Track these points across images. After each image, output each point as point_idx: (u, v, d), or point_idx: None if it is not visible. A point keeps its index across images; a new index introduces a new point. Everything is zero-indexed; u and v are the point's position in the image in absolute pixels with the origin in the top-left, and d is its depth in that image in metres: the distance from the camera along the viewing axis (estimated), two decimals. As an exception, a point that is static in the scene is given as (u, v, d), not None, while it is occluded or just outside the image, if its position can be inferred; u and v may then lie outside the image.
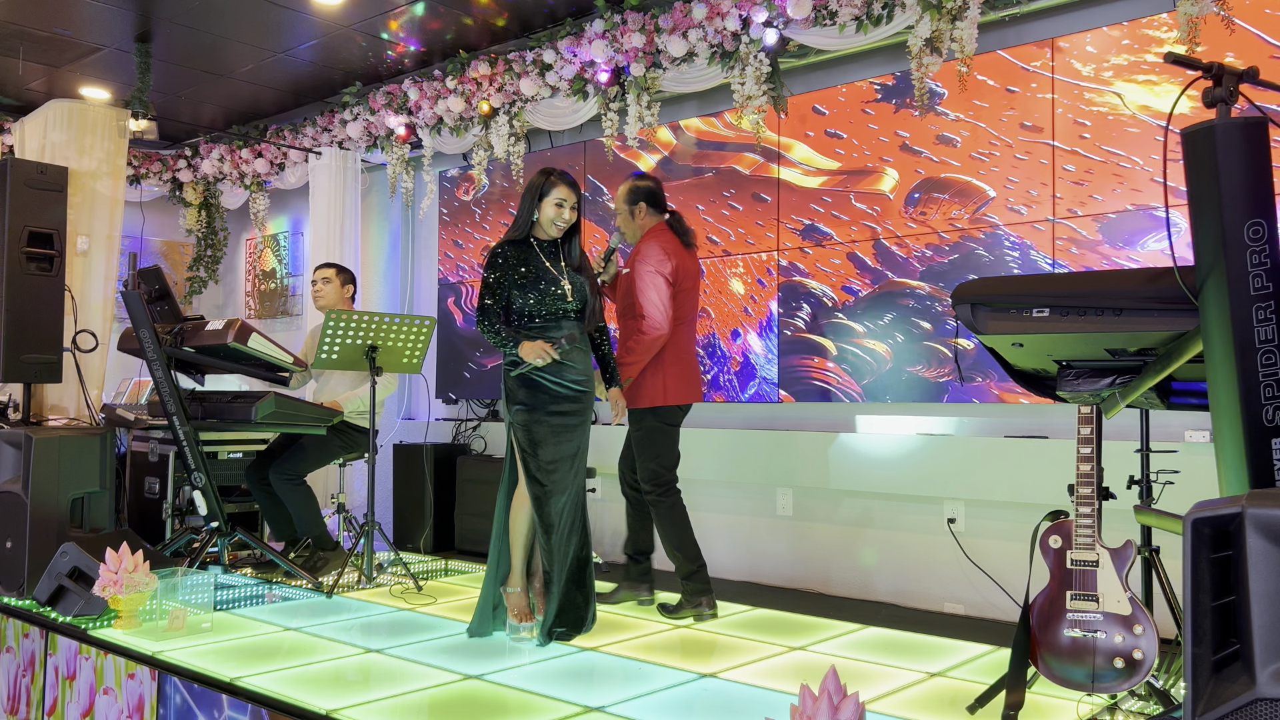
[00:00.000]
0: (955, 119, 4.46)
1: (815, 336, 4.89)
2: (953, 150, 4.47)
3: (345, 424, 4.85)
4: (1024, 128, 4.27)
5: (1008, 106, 4.31)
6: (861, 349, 4.72)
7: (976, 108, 4.41)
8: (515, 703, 2.88)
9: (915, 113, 4.54)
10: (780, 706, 2.77)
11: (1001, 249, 4.33)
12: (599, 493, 5.63)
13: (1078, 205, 4.14)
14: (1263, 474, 1.81)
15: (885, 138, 4.67)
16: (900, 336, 4.60)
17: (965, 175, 4.43)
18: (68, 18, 5.52)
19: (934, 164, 4.53)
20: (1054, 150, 4.20)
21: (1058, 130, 4.19)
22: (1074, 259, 4.14)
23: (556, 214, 3.62)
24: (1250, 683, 1.38)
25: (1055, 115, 4.19)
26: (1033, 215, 4.25)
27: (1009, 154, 4.32)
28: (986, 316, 2.48)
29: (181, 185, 7.78)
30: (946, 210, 4.50)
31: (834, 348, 4.81)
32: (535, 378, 3.55)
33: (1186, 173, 1.92)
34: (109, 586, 3.68)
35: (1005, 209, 4.33)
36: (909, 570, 4.51)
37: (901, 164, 4.62)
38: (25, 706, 3.65)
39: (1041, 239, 4.23)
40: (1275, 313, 1.82)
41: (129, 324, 4.49)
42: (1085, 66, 4.11)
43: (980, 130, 4.40)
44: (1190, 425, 3.73)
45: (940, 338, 4.49)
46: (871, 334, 4.69)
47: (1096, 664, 2.59)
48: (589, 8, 5.30)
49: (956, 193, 4.46)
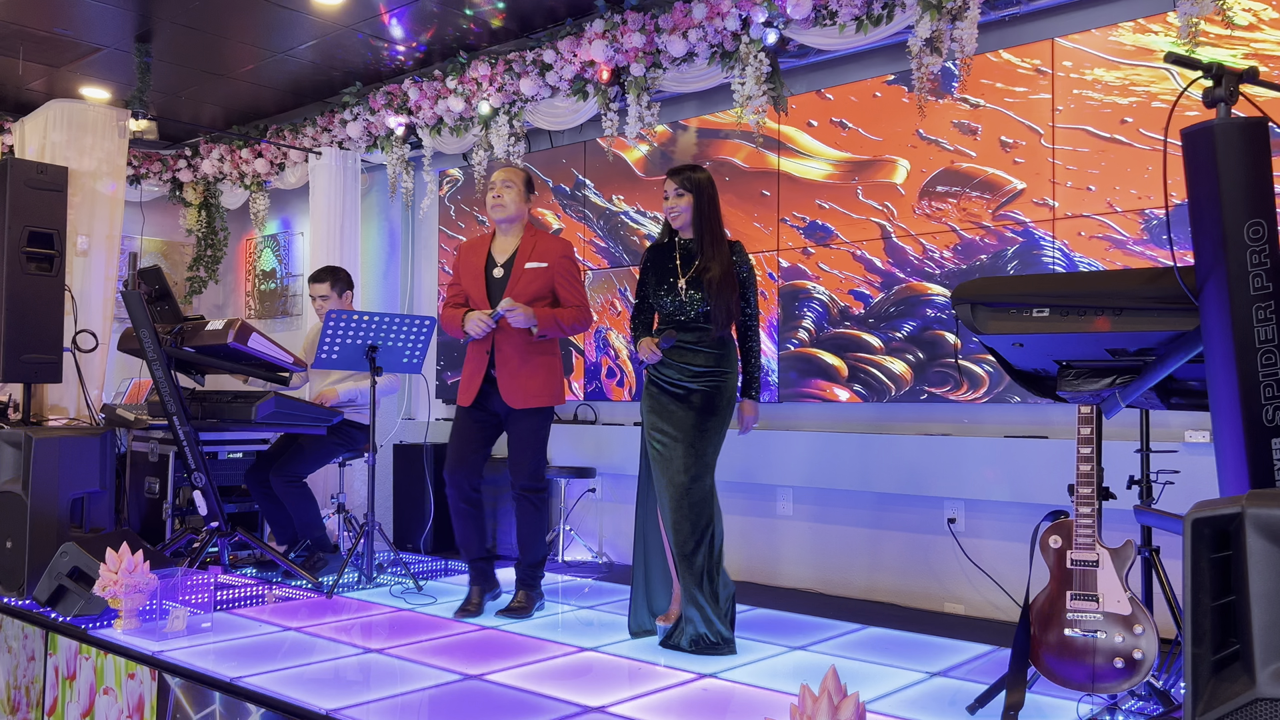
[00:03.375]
0: (975, 106, 4.20)
1: (823, 354, 4.66)
2: (972, 140, 4.22)
3: (345, 423, 4.85)
4: (1057, 112, 4.02)
5: (1038, 89, 4.04)
6: (878, 368, 4.41)
7: (1000, 91, 4.14)
8: (515, 703, 2.88)
9: (930, 98, 4.22)
10: (780, 706, 2.77)
11: (1036, 248, 4.04)
12: (599, 493, 5.63)
13: (1118, 200, 3.90)
14: (1263, 474, 1.81)
15: (897, 125, 4.44)
16: (921, 353, 4.35)
17: (988, 166, 4.19)
18: (68, 18, 5.52)
19: (951, 153, 4.29)
20: (1091, 137, 3.93)
21: (1095, 116, 3.91)
22: (1127, 260, 3.89)
23: (665, 206, 3.65)
24: (1250, 683, 1.38)
25: (1091, 99, 3.94)
26: (1069, 209, 3.96)
27: (1035, 141, 4.06)
28: (986, 316, 2.48)
29: (181, 185, 7.78)
30: (969, 206, 4.25)
31: (844, 367, 4.53)
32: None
33: (1186, 173, 1.92)
34: (109, 586, 3.68)
35: (1035, 204, 4.06)
36: (909, 570, 4.51)
37: (915, 154, 4.42)
38: (25, 706, 3.65)
39: (1076, 237, 3.94)
40: (1275, 313, 1.82)
41: (129, 324, 4.49)
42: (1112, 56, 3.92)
43: (1004, 116, 4.13)
44: (1190, 425, 3.73)
45: (972, 354, 4.22)
46: (889, 348, 4.42)
47: (1096, 664, 2.59)
48: (589, 8, 5.30)
49: (978, 186, 4.22)
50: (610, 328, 5.68)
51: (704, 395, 3.52)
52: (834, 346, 4.67)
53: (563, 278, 3.98)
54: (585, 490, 5.67)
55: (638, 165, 5.60)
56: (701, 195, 3.57)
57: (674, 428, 3.51)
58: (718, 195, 3.65)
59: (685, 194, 3.58)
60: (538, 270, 3.93)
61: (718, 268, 3.52)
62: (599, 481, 5.61)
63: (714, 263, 3.53)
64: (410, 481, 6.02)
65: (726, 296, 3.52)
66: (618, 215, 5.69)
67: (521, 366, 3.92)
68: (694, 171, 3.60)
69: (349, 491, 5.78)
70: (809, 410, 4.92)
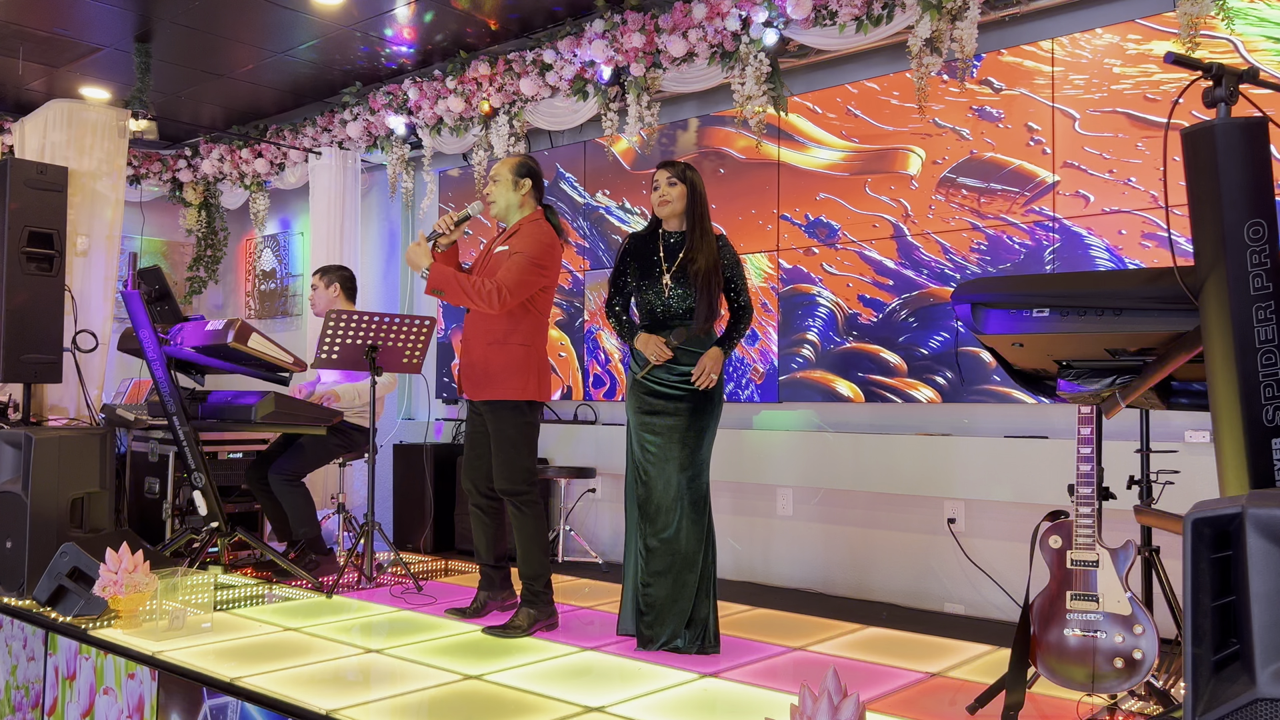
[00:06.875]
0: (999, 91, 3.87)
1: (831, 379, 4.29)
2: (995, 128, 3.95)
3: (344, 423, 4.85)
4: (1090, 98, 3.69)
5: (1074, 69, 3.72)
6: (899, 394, 3.94)
7: (1028, 73, 3.83)
8: (515, 703, 2.88)
9: (947, 77, 3.87)
10: (780, 706, 2.77)
11: (1077, 248, 3.67)
12: (599, 493, 5.63)
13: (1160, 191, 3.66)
14: (1263, 474, 1.81)
15: (910, 111, 4.16)
16: (952, 374, 3.93)
17: (1013, 156, 3.88)
18: (68, 18, 5.52)
19: (969, 142, 4.01)
20: (1131, 121, 3.63)
21: (1135, 100, 3.59)
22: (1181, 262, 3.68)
23: (655, 196, 3.59)
24: (1250, 683, 1.37)
25: (1129, 82, 3.67)
26: (1104, 204, 3.65)
27: (1067, 127, 3.77)
28: (987, 316, 2.48)
29: (181, 185, 7.78)
30: (993, 201, 3.96)
31: (859, 394, 4.16)
32: None
33: (1186, 173, 1.92)
34: (109, 586, 3.68)
35: (1069, 198, 3.75)
36: (909, 570, 4.51)
37: (930, 143, 4.16)
38: (25, 706, 3.65)
39: (1116, 234, 3.65)
40: (1275, 313, 1.82)
41: (129, 324, 4.49)
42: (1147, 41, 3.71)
43: (1032, 101, 3.83)
44: (1190, 425, 3.73)
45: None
46: (913, 367, 4.02)
47: (1096, 664, 2.59)
48: (589, 8, 5.30)
49: (1004, 178, 3.92)
50: (601, 328, 5.67)
51: (694, 394, 3.48)
52: (844, 366, 4.33)
53: (510, 253, 3.69)
54: (585, 490, 5.67)
55: (625, 157, 5.57)
56: (694, 189, 3.54)
57: (666, 428, 3.48)
58: (707, 195, 3.62)
59: (678, 184, 3.53)
60: (501, 254, 3.75)
61: (704, 261, 3.46)
62: (599, 481, 5.61)
63: (700, 254, 3.47)
64: (410, 481, 6.02)
65: (711, 291, 3.46)
66: (597, 210, 5.68)
67: (479, 355, 3.74)
68: (687, 168, 3.59)
69: (349, 491, 5.78)
70: (809, 410, 4.92)
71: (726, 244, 3.58)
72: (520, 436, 3.75)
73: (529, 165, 3.88)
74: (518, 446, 3.74)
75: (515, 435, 3.74)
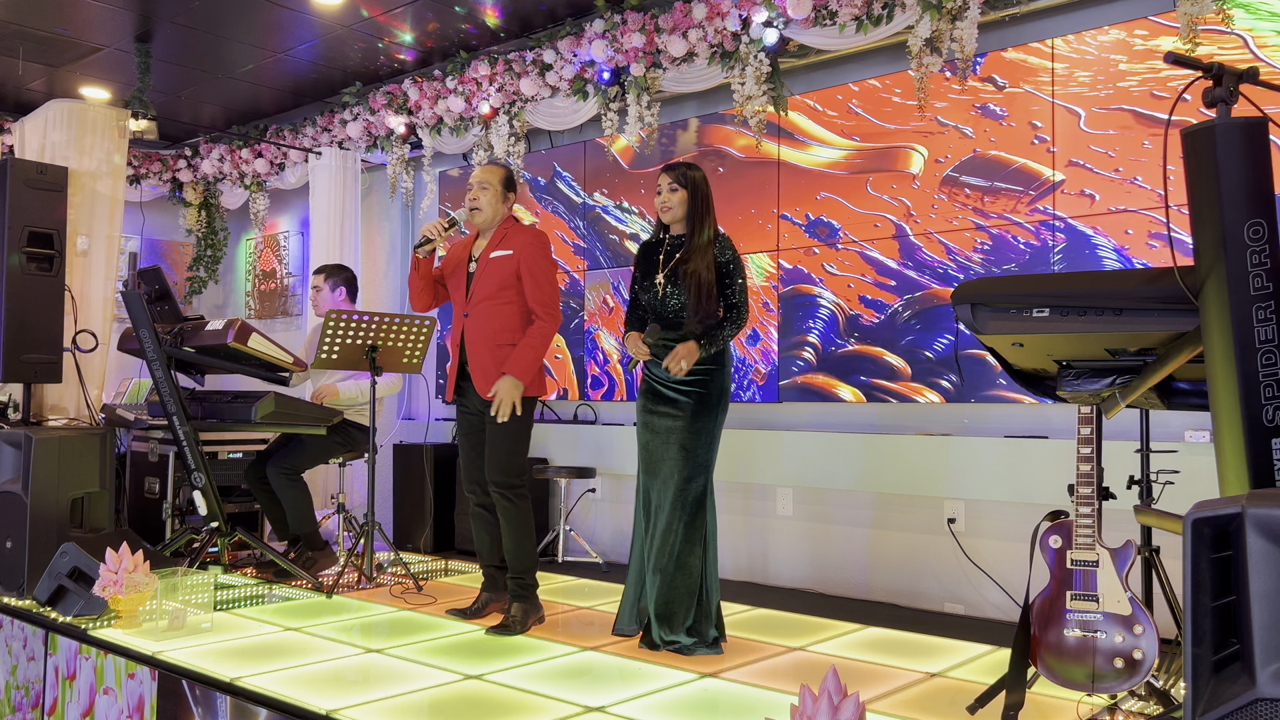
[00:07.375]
0: (1002, 88, 3.79)
1: (834, 383, 4.27)
2: (998, 126, 3.89)
3: (345, 422, 4.85)
4: (1098, 94, 3.57)
5: (1079, 66, 3.64)
6: (901, 398, 3.93)
7: (1031, 70, 3.77)
8: (515, 703, 2.88)
9: (950, 74, 3.81)
10: (780, 706, 2.77)
11: (1083, 247, 3.58)
12: (599, 493, 5.63)
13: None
14: (1263, 474, 1.81)
15: (912, 109, 4.11)
16: (957, 378, 3.85)
17: (1018, 155, 3.81)
18: (68, 18, 5.52)
19: (972, 140, 3.93)
20: (1137, 118, 3.53)
21: (1141, 97, 3.50)
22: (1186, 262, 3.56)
23: (657, 200, 3.59)
24: (1250, 683, 1.37)
25: (1135, 79, 3.58)
26: (1110, 203, 3.54)
27: (1072, 125, 3.67)
28: (986, 316, 2.48)
29: (181, 185, 7.78)
30: (997, 200, 3.90)
31: (862, 397, 4.10)
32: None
33: (1186, 173, 1.92)
34: (109, 586, 3.68)
35: (1075, 197, 3.67)
36: (909, 570, 4.50)
37: (932, 141, 4.10)
38: (25, 706, 3.65)
39: (1123, 234, 3.57)
40: (1275, 313, 1.82)
41: (129, 324, 4.49)
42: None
43: (1036, 99, 3.76)
44: (1190, 425, 3.73)
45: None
46: (916, 371, 3.97)
47: (1096, 664, 2.59)
48: (589, 8, 5.30)
49: (1008, 177, 3.85)
50: (599, 328, 5.67)
51: (693, 395, 3.48)
52: (846, 370, 4.28)
53: (528, 266, 3.79)
54: (585, 490, 5.67)
55: (623, 156, 5.57)
56: (696, 192, 3.53)
57: (666, 429, 3.49)
58: (711, 195, 3.60)
59: (679, 189, 3.53)
60: (503, 259, 3.80)
61: (698, 261, 3.46)
62: (599, 481, 5.61)
63: (695, 255, 3.47)
64: (410, 481, 6.02)
65: (702, 291, 3.44)
66: (594, 210, 5.67)
67: (488, 357, 3.80)
68: (689, 169, 3.58)
69: (349, 491, 5.78)
70: (809, 410, 4.92)
71: (726, 243, 3.55)
72: (520, 431, 3.83)
73: (514, 177, 4.02)
74: (516, 440, 3.83)
75: (515, 429, 3.80)
